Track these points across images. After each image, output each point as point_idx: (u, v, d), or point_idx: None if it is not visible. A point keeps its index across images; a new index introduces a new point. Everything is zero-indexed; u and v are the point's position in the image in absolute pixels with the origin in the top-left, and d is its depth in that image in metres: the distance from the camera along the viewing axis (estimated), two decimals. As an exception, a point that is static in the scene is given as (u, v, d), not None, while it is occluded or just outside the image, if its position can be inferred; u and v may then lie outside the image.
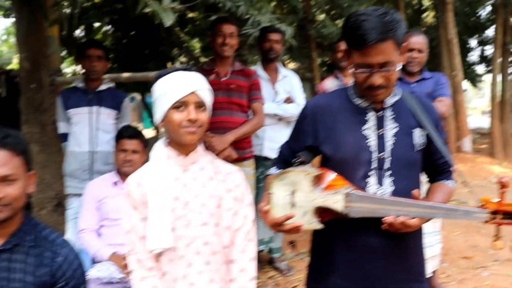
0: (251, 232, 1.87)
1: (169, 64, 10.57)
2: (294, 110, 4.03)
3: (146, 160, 3.32)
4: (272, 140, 4.02)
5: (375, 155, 1.78)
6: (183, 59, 10.85)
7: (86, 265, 2.76)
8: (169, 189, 1.80)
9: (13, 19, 6.87)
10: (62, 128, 3.51)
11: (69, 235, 3.39)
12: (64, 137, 3.50)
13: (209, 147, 3.17)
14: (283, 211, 1.72)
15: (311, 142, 1.86)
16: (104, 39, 6.42)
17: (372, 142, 1.79)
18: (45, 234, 1.78)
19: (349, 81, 4.26)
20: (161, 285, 1.79)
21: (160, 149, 1.87)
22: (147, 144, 3.14)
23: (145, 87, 10.40)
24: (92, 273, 2.66)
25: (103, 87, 3.48)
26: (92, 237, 2.94)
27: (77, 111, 3.43)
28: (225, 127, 3.37)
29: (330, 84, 4.35)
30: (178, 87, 1.75)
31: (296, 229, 1.70)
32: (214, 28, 3.45)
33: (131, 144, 3.01)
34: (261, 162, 4.01)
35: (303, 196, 1.71)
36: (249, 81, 3.54)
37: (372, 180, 1.77)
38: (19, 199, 1.67)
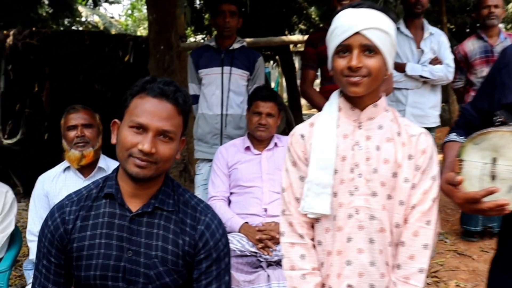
0: (431, 213, 1.49)
1: (286, 32, 10.32)
2: (442, 72, 3.54)
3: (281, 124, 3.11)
4: (415, 105, 3.59)
5: None
6: (302, 26, 10.56)
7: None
8: (336, 147, 1.52)
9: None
10: (192, 89, 3.35)
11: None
12: (195, 99, 3.34)
13: None
14: (480, 184, 1.33)
15: None
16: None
17: None
18: (186, 199, 1.56)
19: (495, 41, 3.88)
20: (312, 257, 1.56)
21: (333, 100, 1.59)
22: (283, 108, 2.88)
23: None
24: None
25: (235, 45, 3.24)
26: (223, 205, 2.77)
27: (208, 71, 3.24)
28: None
29: (471, 45, 4.00)
30: (341, 28, 1.47)
31: (499, 209, 1.30)
32: None
33: (266, 106, 2.76)
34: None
35: (509, 165, 1.31)
36: None
37: None
38: (167, 161, 1.46)
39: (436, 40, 3.67)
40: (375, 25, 1.44)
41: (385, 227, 1.50)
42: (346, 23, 1.45)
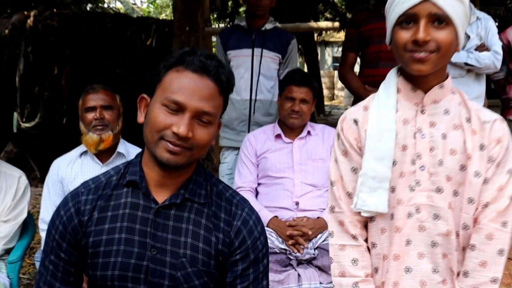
0: (508, 213, 1.28)
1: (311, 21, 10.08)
2: (489, 59, 3.26)
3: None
4: (458, 95, 3.31)
5: None
6: (328, 15, 10.32)
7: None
8: (395, 134, 1.32)
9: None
10: None
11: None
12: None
13: None
14: None
15: None
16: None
17: None
18: (220, 190, 1.36)
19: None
20: (365, 261, 1.36)
21: (391, 79, 1.38)
22: (318, 93, 2.66)
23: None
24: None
25: (268, 26, 3.01)
26: (250, 197, 2.57)
27: (238, 53, 3.03)
28: None
29: (516, 34, 3.71)
30: None
31: None
32: None
33: (300, 92, 2.54)
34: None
35: None
36: None
37: None
38: (203, 148, 1.27)
39: (483, 25, 3.39)
40: None
41: (450, 229, 1.29)
42: None
